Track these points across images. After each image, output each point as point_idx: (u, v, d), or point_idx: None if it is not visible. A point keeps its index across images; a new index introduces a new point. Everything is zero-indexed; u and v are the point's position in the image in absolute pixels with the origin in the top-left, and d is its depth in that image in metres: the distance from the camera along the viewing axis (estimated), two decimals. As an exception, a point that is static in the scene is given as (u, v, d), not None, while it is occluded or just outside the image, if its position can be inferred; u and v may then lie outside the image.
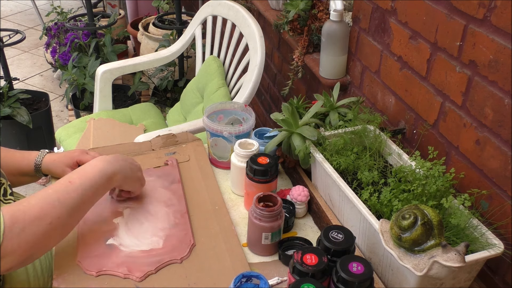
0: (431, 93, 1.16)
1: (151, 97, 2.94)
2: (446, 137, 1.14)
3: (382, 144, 1.16)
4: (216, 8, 2.03)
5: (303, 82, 1.93)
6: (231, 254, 1.03)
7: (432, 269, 0.83)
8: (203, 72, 2.04)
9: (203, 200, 1.19)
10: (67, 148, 1.93)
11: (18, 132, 2.58)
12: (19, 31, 2.68)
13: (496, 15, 0.94)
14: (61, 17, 3.18)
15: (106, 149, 1.34)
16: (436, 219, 0.85)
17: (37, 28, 4.47)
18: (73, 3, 4.09)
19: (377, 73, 1.39)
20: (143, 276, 0.97)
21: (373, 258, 1.01)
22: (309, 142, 1.16)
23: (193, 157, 1.34)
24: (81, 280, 0.96)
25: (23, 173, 1.18)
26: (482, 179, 1.03)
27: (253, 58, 1.78)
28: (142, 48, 3.21)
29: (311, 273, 0.86)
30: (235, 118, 1.40)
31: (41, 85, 3.58)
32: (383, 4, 1.31)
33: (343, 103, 1.32)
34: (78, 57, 2.77)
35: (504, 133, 0.96)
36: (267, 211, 1.00)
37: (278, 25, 1.70)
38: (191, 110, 2.05)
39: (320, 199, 1.18)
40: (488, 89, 0.99)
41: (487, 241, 0.90)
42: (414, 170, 1.02)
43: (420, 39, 1.18)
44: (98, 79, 2.08)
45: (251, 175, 1.13)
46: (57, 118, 3.17)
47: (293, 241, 1.08)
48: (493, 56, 0.96)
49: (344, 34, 1.46)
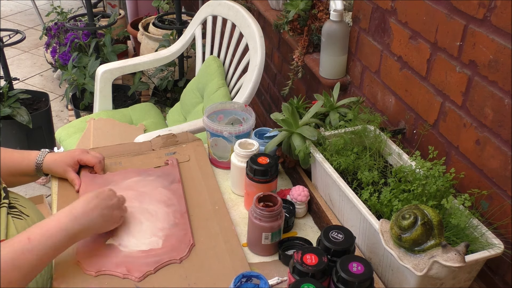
0: (431, 93, 1.16)
1: (151, 97, 2.94)
2: (446, 137, 1.14)
3: (382, 144, 1.16)
4: (216, 8, 2.03)
5: (303, 82, 1.93)
6: (231, 254, 1.03)
7: (432, 269, 0.83)
8: (203, 72, 2.04)
9: (203, 200, 1.19)
10: (67, 148, 1.93)
11: (18, 132, 2.58)
12: (19, 31, 2.68)
13: (496, 15, 0.94)
14: (61, 17, 3.18)
15: (106, 149, 1.34)
16: (436, 219, 0.85)
17: (37, 28, 4.47)
18: (73, 3, 4.09)
19: (377, 73, 1.39)
20: (142, 276, 0.97)
21: (373, 258, 1.01)
22: (309, 142, 1.16)
23: (193, 157, 1.34)
24: (81, 280, 0.96)
25: (23, 173, 1.18)
26: (482, 179, 1.03)
27: (253, 58, 1.78)
28: (142, 48, 3.21)
29: (311, 273, 0.86)
30: (235, 118, 1.40)
31: (41, 85, 3.58)
32: (383, 4, 1.31)
33: (343, 103, 1.32)
34: (78, 57, 2.77)
35: (504, 133, 0.96)
36: (267, 211, 1.00)
37: (278, 25, 1.70)
38: (191, 110, 2.05)
39: (320, 199, 1.18)
40: (488, 89, 0.98)
41: (487, 241, 0.90)
42: (414, 170, 1.02)
43: (420, 39, 1.18)
44: (98, 79, 2.07)
45: (251, 175, 1.13)
46: (57, 118, 3.17)
47: (293, 241, 1.08)
48: (493, 56, 0.96)
49: (344, 34, 1.46)
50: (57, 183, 1.22)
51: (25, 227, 1.03)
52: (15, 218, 1.02)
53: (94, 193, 1.02)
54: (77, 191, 1.19)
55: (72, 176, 1.20)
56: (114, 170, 1.27)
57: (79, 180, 1.20)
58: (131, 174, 1.25)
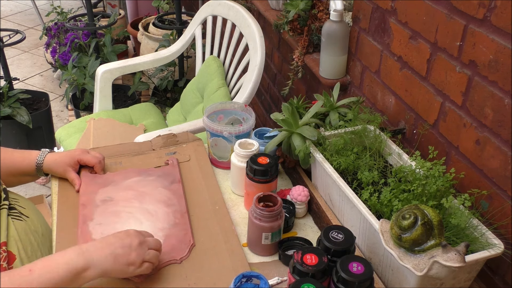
0: (431, 93, 1.16)
1: (151, 97, 2.94)
2: (446, 137, 1.14)
3: (382, 144, 1.16)
4: (216, 8, 2.03)
5: (303, 82, 1.93)
6: (231, 254, 1.03)
7: (432, 269, 0.83)
8: (203, 72, 2.04)
9: (203, 200, 1.19)
10: (67, 148, 1.93)
11: (18, 132, 2.58)
12: (19, 31, 2.68)
13: (496, 15, 0.94)
14: (61, 17, 3.18)
15: (106, 149, 1.34)
16: (436, 219, 0.85)
17: (37, 28, 4.47)
18: (73, 3, 4.09)
19: (377, 73, 1.39)
20: (142, 276, 0.97)
21: (373, 258, 1.01)
22: (309, 142, 1.16)
23: (193, 157, 1.34)
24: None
25: (23, 173, 1.18)
26: (482, 179, 1.03)
27: (253, 58, 1.78)
28: (142, 48, 3.21)
29: (311, 273, 0.86)
30: (235, 118, 1.40)
31: (41, 85, 3.58)
32: (383, 4, 1.31)
33: (343, 103, 1.32)
34: (78, 57, 2.77)
35: (504, 133, 0.96)
36: (267, 211, 1.00)
37: (278, 25, 1.70)
38: (191, 110, 2.05)
39: (320, 199, 1.18)
40: (488, 89, 0.99)
41: (487, 241, 0.90)
42: (414, 170, 1.02)
43: (420, 39, 1.18)
44: (98, 79, 2.08)
45: (251, 175, 1.13)
46: (57, 118, 3.17)
47: (293, 241, 1.08)
48: (493, 56, 0.96)
49: (344, 34, 1.46)
50: (57, 183, 1.22)
51: (25, 228, 1.04)
52: (15, 220, 1.02)
53: (116, 233, 0.93)
54: (77, 191, 1.19)
55: (72, 176, 1.20)
56: (114, 170, 1.27)
57: (79, 180, 1.20)
58: (132, 174, 1.25)
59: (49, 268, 0.84)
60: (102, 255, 0.88)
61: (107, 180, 1.22)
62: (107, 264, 0.88)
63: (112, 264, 0.88)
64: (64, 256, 0.86)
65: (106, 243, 0.90)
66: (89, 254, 0.87)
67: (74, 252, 0.87)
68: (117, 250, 0.89)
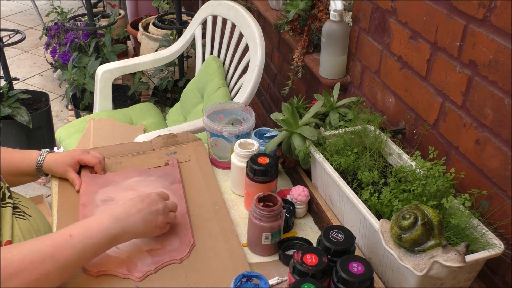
0: (431, 93, 1.16)
1: (151, 97, 2.94)
2: (446, 137, 1.14)
3: (382, 144, 1.16)
4: (216, 8, 2.03)
5: (303, 82, 1.93)
6: (231, 254, 1.03)
7: (432, 269, 0.83)
8: (203, 72, 2.04)
9: (204, 200, 1.19)
10: (67, 148, 1.93)
11: (18, 132, 2.58)
12: (19, 31, 2.68)
13: (496, 15, 0.94)
14: (61, 17, 3.18)
15: (106, 149, 1.34)
16: (436, 219, 0.85)
17: (37, 28, 4.47)
18: (73, 3, 4.09)
19: (377, 73, 1.39)
20: (142, 276, 0.97)
21: (373, 258, 1.01)
22: (309, 142, 1.16)
23: (193, 157, 1.34)
24: (81, 280, 0.96)
25: (24, 173, 1.18)
26: (482, 179, 1.03)
27: (253, 58, 1.78)
28: (142, 48, 3.21)
29: (311, 273, 0.86)
30: (235, 118, 1.40)
31: (41, 85, 3.58)
32: (383, 4, 1.31)
33: (343, 103, 1.32)
34: (78, 57, 2.77)
35: (504, 133, 0.96)
36: (267, 211, 1.00)
37: (278, 25, 1.70)
38: (191, 110, 2.05)
39: (320, 199, 1.18)
40: (488, 89, 0.99)
41: (487, 241, 0.90)
42: (414, 170, 1.02)
43: (420, 39, 1.18)
44: (98, 79, 2.08)
45: (251, 175, 1.13)
46: (57, 118, 3.17)
47: (293, 241, 1.08)
48: (493, 56, 0.96)
49: (344, 34, 1.46)
50: (57, 183, 1.22)
51: (28, 227, 1.04)
52: (18, 219, 1.03)
53: (140, 197, 1.01)
54: (77, 191, 1.19)
55: (73, 176, 1.20)
56: (114, 170, 1.27)
57: (80, 180, 1.20)
58: (132, 174, 1.25)
59: (88, 234, 0.91)
60: (135, 221, 0.97)
61: (107, 180, 1.22)
62: (139, 229, 0.98)
63: (143, 228, 0.98)
64: (101, 223, 0.93)
65: (136, 209, 0.98)
66: (124, 221, 0.95)
67: (110, 220, 0.94)
68: (147, 216, 0.99)
